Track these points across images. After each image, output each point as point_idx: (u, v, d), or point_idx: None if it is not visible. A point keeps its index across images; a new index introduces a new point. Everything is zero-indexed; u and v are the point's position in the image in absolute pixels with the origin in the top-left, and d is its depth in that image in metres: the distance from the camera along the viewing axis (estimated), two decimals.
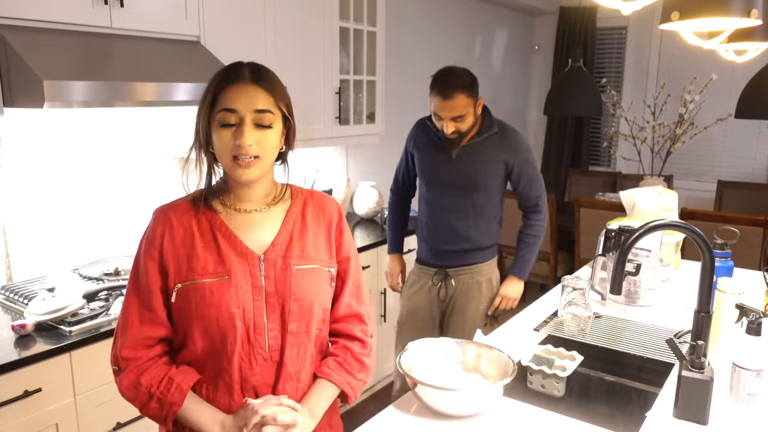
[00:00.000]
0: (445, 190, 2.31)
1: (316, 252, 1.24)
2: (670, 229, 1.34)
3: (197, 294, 1.15)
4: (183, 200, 1.23)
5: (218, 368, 1.18)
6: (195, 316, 1.15)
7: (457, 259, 2.36)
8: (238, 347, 1.16)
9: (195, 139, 1.19)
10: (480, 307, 2.37)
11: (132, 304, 1.18)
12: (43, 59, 1.73)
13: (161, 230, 1.18)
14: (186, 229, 1.18)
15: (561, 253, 4.15)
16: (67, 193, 2.27)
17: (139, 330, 1.17)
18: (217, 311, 1.14)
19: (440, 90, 2.14)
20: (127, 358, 1.16)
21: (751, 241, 3.23)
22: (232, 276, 1.16)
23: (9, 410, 1.61)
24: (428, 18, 4.27)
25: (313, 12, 2.84)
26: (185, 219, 1.19)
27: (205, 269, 1.16)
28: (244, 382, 1.18)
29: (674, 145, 4.23)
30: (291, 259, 1.20)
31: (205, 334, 1.16)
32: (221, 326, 1.15)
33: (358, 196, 3.54)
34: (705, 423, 1.30)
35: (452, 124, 2.16)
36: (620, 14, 3.59)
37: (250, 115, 1.13)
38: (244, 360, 1.17)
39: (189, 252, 1.17)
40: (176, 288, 1.16)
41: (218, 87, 1.15)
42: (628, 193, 2.35)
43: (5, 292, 2.02)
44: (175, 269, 1.16)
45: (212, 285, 1.15)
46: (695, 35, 2.25)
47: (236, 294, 1.15)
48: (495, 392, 1.31)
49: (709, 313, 1.32)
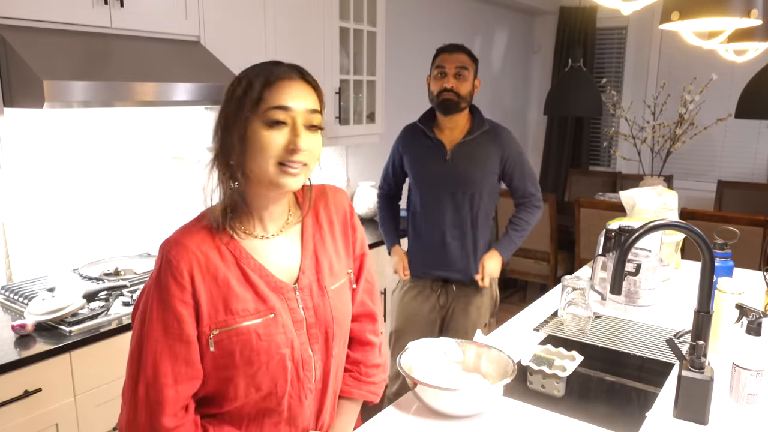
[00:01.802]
0: (442, 193, 2.28)
1: (339, 261, 1.15)
2: (670, 229, 1.34)
3: (241, 340, 1.00)
4: (195, 227, 1.03)
5: (265, 411, 1.07)
6: (241, 364, 1.01)
7: (455, 274, 2.33)
8: (289, 388, 1.06)
9: (222, 146, 1.01)
10: (481, 310, 2.35)
11: (162, 362, 0.98)
12: (43, 59, 1.73)
13: (188, 267, 0.98)
14: (213, 265, 1.00)
15: (561, 253, 4.15)
16: (67, 193, 2.27)
17: (177, 392, 1.00)
18: (267, 356, 1.01)
19: (446, 48, 2.26)
20: (170, 428, 1.00)
21: (751, 241, 3.23)
22: (276, 314, 1.03)
23: (9, 410, 1.61)
24: (428, 18, 4.27)
25: (313, 12, 2.84)
26: (206, 250, 1.00)
27: (246, 310, 1.01)
28: (293, 419, 1.10)
29: (674, 145, 4.23)
30: (324, 281, 1.10)
31: (252, 383, 1.03)
32: (271, 371, 1.03)
33: (358, 196, 3.54)
34: (705, 423, 1.30)
35: (453, 80, 2.19)
36: (620, 14, 3.59)
37: (303, 116, 0.99)
38: (294, 398, 1.08)
39: (224, 291, 1.00)
40: (212, 335, 1.00)
41: (265, 83, 0.98)
42: (628, 193, 2.35)
43: (5, 292, 2.02)
44: (210, 313, 0.99)
45: (257, 327, 1.01)
46: (695, 35, 2.25)
47: (284, 333, 1.03)
48: (495, 392, 1.31)
49: (709, 313, 1.32)
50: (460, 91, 2.19)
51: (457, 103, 2.20)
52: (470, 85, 2.23)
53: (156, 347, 0.99)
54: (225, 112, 1.00)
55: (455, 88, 2.19)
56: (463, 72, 2.20)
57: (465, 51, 2.25)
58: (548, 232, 3.95)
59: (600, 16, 5.40)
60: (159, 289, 0.99)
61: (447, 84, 2.19)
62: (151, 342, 0.99)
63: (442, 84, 2.20)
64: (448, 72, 2.20)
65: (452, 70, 2.20)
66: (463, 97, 2.20)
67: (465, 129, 2.26)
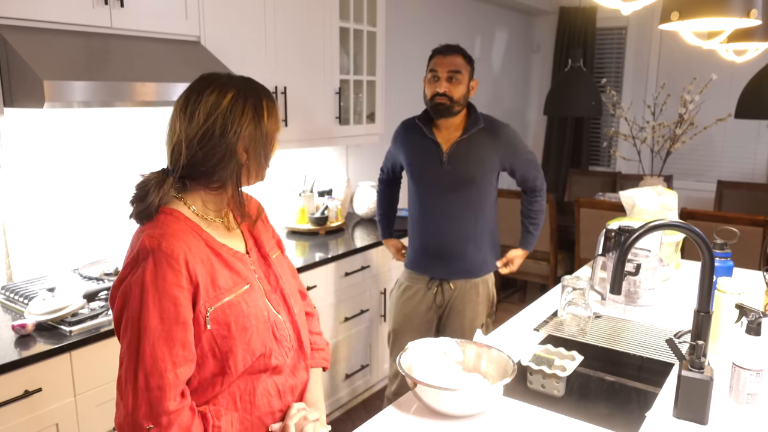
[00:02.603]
0: (439, 193, 2.28)
1: (268, 239, 1.30)
2: (670, 229, 1.34)
3: (234, 310, 1.10)
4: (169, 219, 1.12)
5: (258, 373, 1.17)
6: (237, 333, 1.10)
7: (454, 274, 2.34)
8: (274, 347, 1.18)
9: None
10: (478, 310, 2.35)
11: (159, 347, 1.02)
12: (43, 59, 1.73)
13: (183, 253, 1.06)
14: (196, 248, 1.10)
15: (561, 253, 4.15)
16: (67, 193, 2.27)
17: (177, 375, 1.03)
18: (256, 320, 1.14)
19: (440, 49, 2.25)
20: (172, 411, 1.03)
21: (750, 241, 3.23)
22: (251, 283, 1.17)
23: (9, 410, 1.61)
24: (428, 18, 4.27)
25: (313, 12, 2.84)
26: (187, 238, 1.10)
27: (228, 284, 1.12)
28: (284, 378, 1.22)
29: (674, 145, 4.23)
30: (265, 251, 1.26)
31: (248, 349, 1.12)
32: (261, 334, 1.14)
33: (358, 196, 3.54)
34: (705, 423, 1.30)
35: (445, 83, 2.18)
36: (620, 14, 3.59)
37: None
38: (278, 358, 1.19)
39: (210, 271, 1.10)
40: (208, 313, 1.07)
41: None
42: (628, 193, 2.35)
43: (5, 292, 2.02)
44: (204, 293, 1.08)
45: (244, 296, 1.13)
46: (695, 35, 2.25)
47: (260, 298, 1.17)
48: (495, 392, 1.31)
49: (708, 313, 1.32)
50: (453, 95, 2.19)
51: (449, 107, 2.20)
52: (464, 88, 2.21)
53: (153, 335, 1.02)
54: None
55: (448, 92, 2.18)
56: (456, 76, 2.18)
57: (460, 52, 2.22)
58: (548, 232, 3.95)
59: (600, 16, 5.40)
60: (153, 280, 1.03)
61: (439, 88, 2.19)
62: (148, 332, 1.02)
63: (434, 88, 2.20)
64: (440, 76, 2.19)
65: (445, 74, 2.19)
66: (456, 101, 2.20)
67: (462, 128, 2.26)
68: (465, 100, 2.23)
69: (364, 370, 3.13)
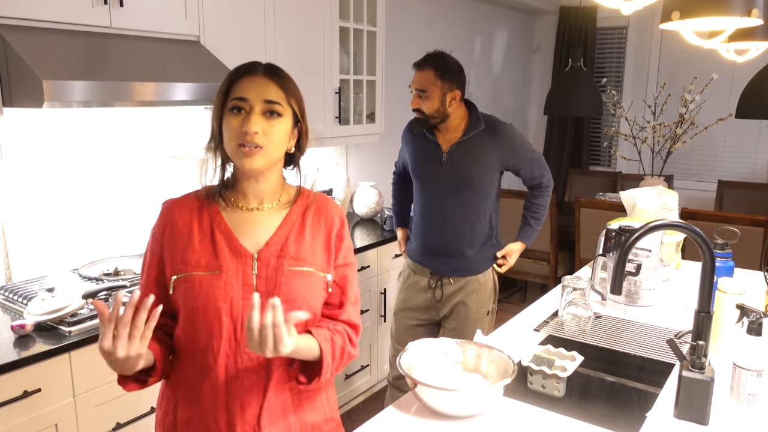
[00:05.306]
0: (439, 193, 2.29)
1: (312, 255, 1.23)
2: (670, 229, 1.34)
3: (188, 285, 1.17)
4: (192, 195, 1.27)
5: (205, 367, 1.17)
6: (187, 308, 1.18)
7: (454, 272, 2.35)
8: (224, 344, 1.16)
9: (210, 134, 1.23)
10: (483, 298, 2.36)
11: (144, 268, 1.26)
12: (42, 59, 1.73)
13: (162, 224, 1.24)
14: (186, 223, 1.22)
15: (561, 253, 4.15)
16: (66, 192, 2.27)
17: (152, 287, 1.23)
18: (204, 302, 1.16)
19: (417, 62, 2.25)
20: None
21: (751, 241, 3.23)
22: (223, 271, 1.17)
23: (9, 410, 1.61)
24: (428, 18, 4.27)
25: (313, 12, 2.84)
26: (186, 213, 1.23)
27: (198, 263, 1.18)
28: (230, 384, 1.16)
29: (674, 144, 4.23)
30: (285, 259, 1.20)
31: (192, 327, 1.18)
32: (208, 319, 1.16)
33: (358, 196, 3.53)
34: (705, 423, 1.30)
35: (417, 99, 2.21)
36: (620, 14, 3.58)
37: (260, 105, 1.17)
38: (230, 359, 1.16)
39: (185, 245, 1.20)
40: (173, 280, 1.20)
41: (233, 78, 1.19)
42: (629, 193, 2.35)
43: (5, 292, 2.02)
44: (170, 261, 1.20)
45: (203, 278, 1.17)
46: (696, 35, 2.25)
47: (225, 289, 1.16)
48: (495, 392, 1.31)
49: (709, 313, 1.32)
50: (425, 111, 2.21)
51: (424, 121, 2.23)
52: (436, 102, 2.19)
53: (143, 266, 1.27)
54: (213, 104, 1.22)
55: (420, 107, 2.21)
56: (423, 94, 2.20)
57: (432, 66, 2.18)
58: (548, 232, 3.95)
59: (600, 16, 5.40)
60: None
61: (411, 104, 2.23)
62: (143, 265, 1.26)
63: (411, 101, 2.25)
64: (413, 91, 2.23)
65: (415, 92, 2.22)
66: (429, 115, 2.21)
67: (462, 129, 2.26)
68: (440, 112, 2.22)
69: (364, 370, 3.13)
